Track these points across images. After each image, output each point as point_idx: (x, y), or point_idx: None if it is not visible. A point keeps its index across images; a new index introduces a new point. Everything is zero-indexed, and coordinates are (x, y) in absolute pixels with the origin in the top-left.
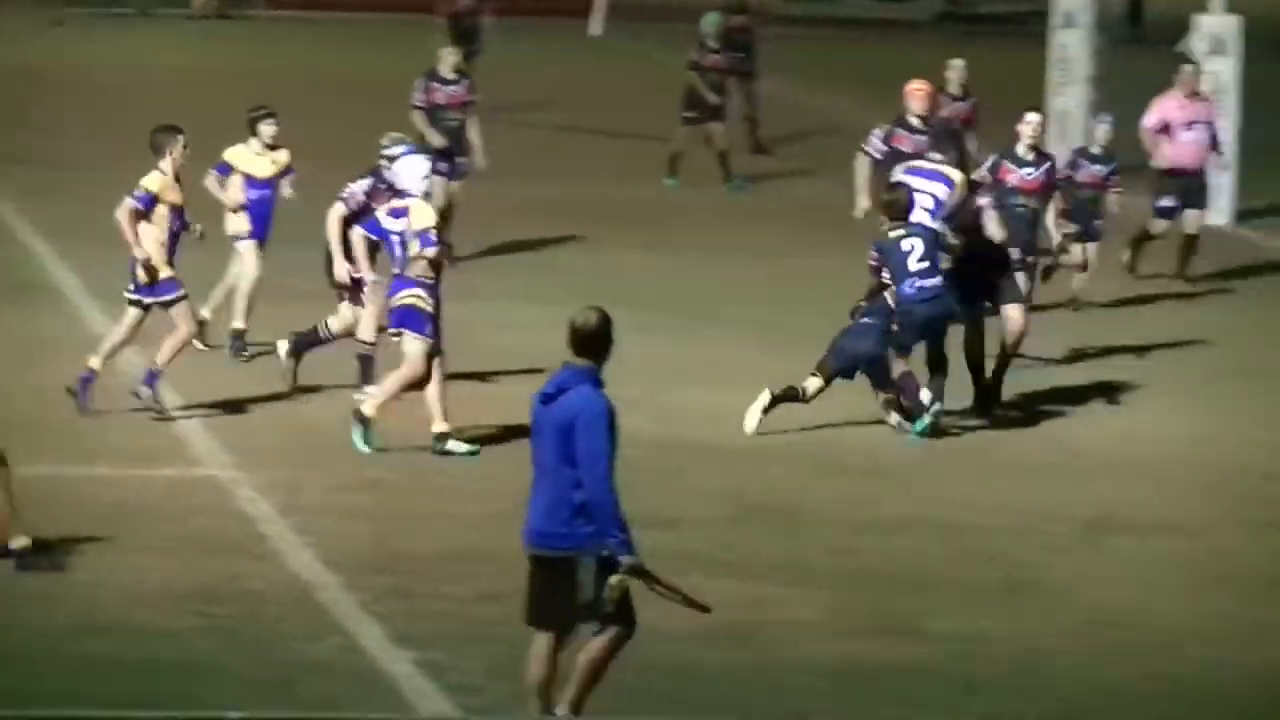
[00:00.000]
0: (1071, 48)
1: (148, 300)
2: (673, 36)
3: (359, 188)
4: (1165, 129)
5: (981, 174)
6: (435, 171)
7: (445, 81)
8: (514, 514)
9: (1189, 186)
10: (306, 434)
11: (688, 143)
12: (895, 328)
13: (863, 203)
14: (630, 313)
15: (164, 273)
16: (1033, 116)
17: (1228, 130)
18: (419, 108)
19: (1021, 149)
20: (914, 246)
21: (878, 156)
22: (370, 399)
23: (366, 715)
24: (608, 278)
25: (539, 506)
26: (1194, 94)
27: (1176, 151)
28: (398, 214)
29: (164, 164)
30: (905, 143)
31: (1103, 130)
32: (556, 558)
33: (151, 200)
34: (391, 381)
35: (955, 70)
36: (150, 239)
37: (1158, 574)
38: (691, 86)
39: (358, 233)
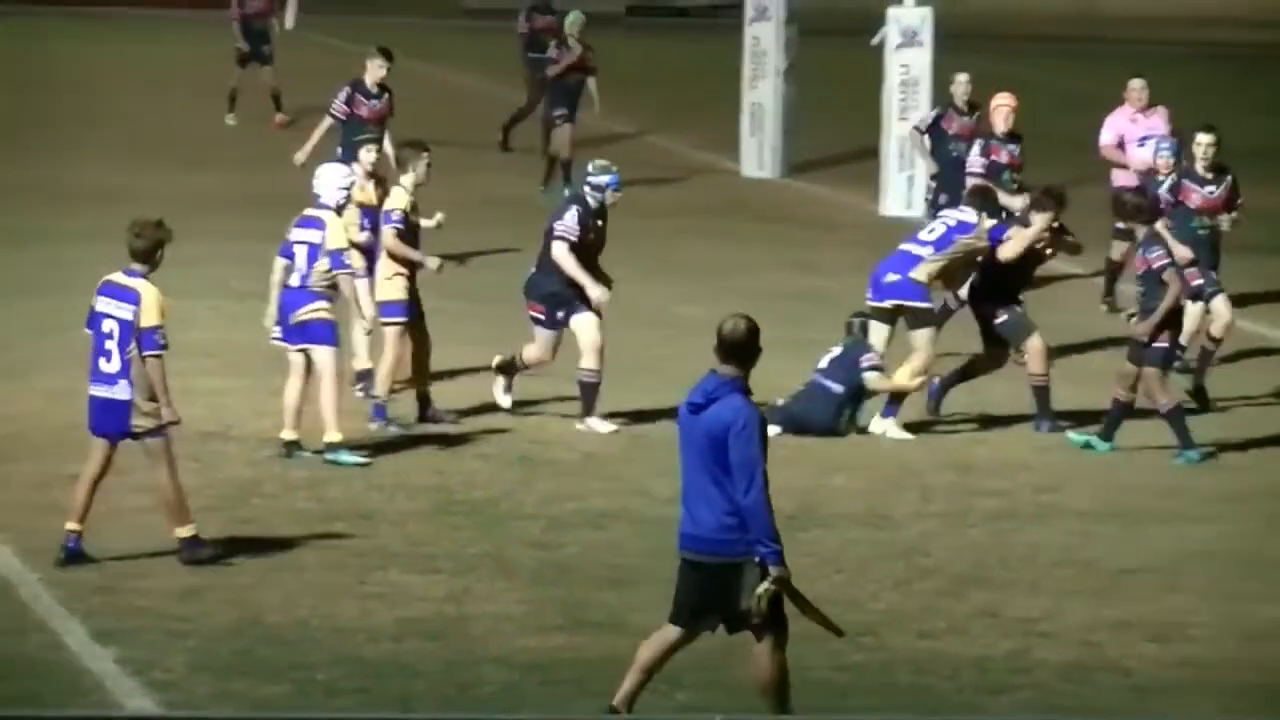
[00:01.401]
0: (764, 40)
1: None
2: (361, 28)
3: (572, 221)
4: (1120, 145)
5: (1163, 196)
6: None
7: (369, 95)
8: (219, 508)
9: None
10: (8, 426)
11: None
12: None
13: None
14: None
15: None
16: (1205, 136)
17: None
18: (337, 118)
19: (1200, 167)
20: None
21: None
22: (329, 427)
23: (71, 713)
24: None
25: (701, 514)
26: (1147, 107)
27: (1132, 168)
28: (309, 223)
29: (406, 180)
30: (1000, 154)
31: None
32: (721, 564)
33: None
34: (329, 400)
35: (960, 85)
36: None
37: (859, 565)
38: (552, 86)
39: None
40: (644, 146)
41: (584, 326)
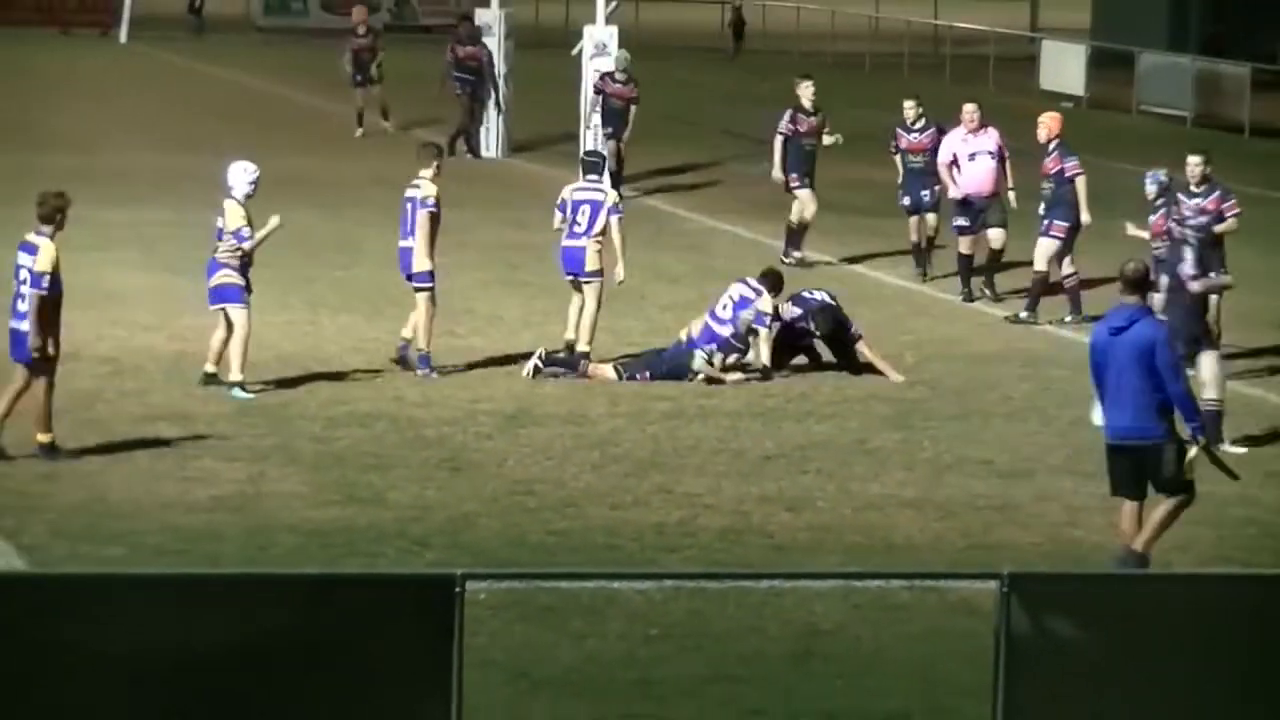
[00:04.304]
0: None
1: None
2: (188, 43)
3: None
4: (954, 162)
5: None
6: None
7: (807, 113)
8: (70, 412)
9: (980, 208)
10: None
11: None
12: None
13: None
14: (145, 256)
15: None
16: (908, 103)
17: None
18: (782, 134)
19: (908, 120)
20: None
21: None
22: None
23: None
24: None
25: (1126, 410)
26: (979, 128)
27: (964, 181)
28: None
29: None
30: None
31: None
32: (1146, 446)
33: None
34: (237, 348)
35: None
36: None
37: (564, 454)
38: (605, 109)
39: None
40: (399, 135)
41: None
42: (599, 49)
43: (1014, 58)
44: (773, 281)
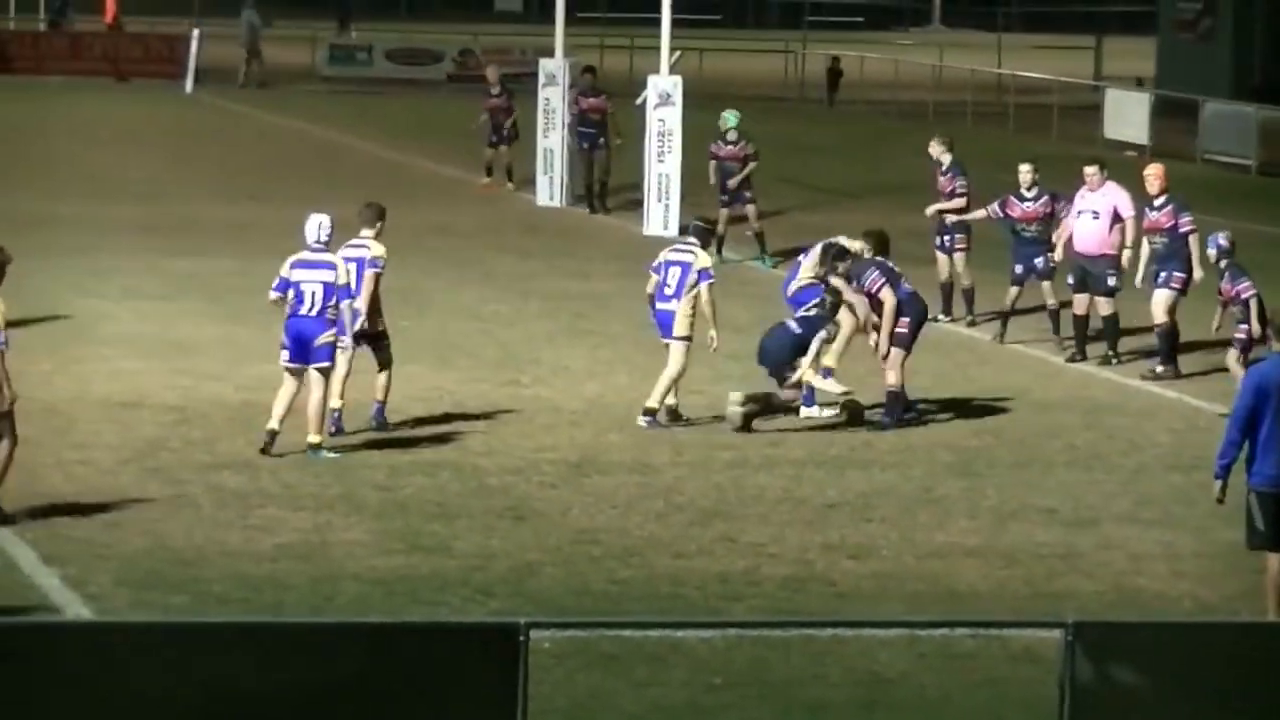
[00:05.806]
0: (553, 101)
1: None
2: (252, 93)
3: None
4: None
5: (993, 209)
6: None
7: (1021, 199)
8: (134, 460)
9: (1087, 268)
10: None
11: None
12: None
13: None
14: (212, 306)
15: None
16: (1024, 166)
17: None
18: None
19: (1023, 188)
20: None
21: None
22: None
23: (25, 620)
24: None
25: None
26: (1098, 186)
27: (1076, 237)
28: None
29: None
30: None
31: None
32: None
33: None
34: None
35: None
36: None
37: (628, 502)
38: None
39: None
40: (467, 184)
41: None
42: (663, 99)
43: (1078, 106)
44: (877, 239)
